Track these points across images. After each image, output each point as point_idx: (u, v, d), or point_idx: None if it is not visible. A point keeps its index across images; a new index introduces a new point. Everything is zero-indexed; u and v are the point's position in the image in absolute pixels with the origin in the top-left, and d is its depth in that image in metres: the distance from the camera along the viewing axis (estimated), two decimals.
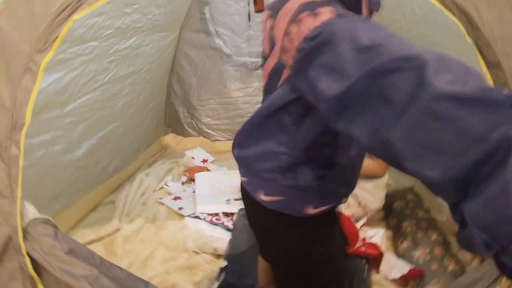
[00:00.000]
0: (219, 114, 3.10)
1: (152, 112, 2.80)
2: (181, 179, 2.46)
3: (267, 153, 0.83)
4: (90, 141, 1.99)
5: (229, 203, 2.01)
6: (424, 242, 1.63)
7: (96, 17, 1.66)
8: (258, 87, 3.05)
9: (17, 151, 1.05)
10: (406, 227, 1.78)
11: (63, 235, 1.10)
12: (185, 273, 1.60)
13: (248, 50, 2.97)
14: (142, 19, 2.08)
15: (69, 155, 1.83)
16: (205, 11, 2.80)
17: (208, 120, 3.12)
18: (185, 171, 2.54)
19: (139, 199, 2.21)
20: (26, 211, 1.10)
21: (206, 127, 3.13)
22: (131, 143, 2.53)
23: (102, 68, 1.89)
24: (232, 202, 2.01)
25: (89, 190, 2.09)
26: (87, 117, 1.91)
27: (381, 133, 0.51)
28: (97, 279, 1.03)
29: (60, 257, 1.03)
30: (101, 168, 2.18)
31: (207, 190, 2.18)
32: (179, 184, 2.41)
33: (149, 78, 2.51)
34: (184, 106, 3.14)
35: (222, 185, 2.23)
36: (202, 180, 2.31)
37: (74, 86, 1.72)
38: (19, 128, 1.06)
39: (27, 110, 1.06)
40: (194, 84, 3.05)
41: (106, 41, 1.83)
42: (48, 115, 1.61)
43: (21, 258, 1.03)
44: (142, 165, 2.76)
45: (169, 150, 3.09)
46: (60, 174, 1.79)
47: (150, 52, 2.40)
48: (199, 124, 3.12)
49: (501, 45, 1.00)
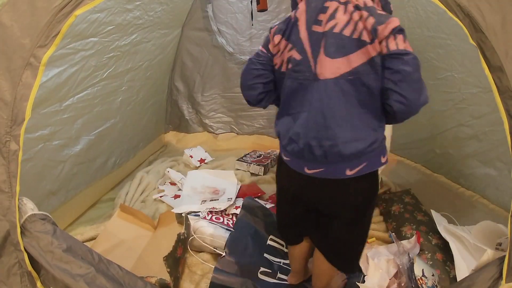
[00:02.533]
0: (223, 107, 3.12)
1: (152, 109, 2.79)
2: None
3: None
4: (88, 136, 1.98)
5: (204, 203, 2.01)
6: (425, 246, 1.61)
7: (97, 13, 1.65)
8: None
9: (17, 146, 1.05)
10: (406, 231, 1.76)
11: (61, 232, 1.10)
12: (184, 272, 1.60)
13: (250, 49, 2.97)
14: (144, 16, 2.08)
15: (67, 150, 1.83)
16: (207, 9, 2.81)
17: (212, 114, 3.14)
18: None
19: (138, 196, 2.20)
20: (24, 207, 1.09)
21: (210, 120, 3.15)
22: (130, 139, 2.53)
23: (101, 64, 1.88)
24: (207, 202, 2.02)
25: (88, 186, 2.09)
26: (85, 113, 1.90)
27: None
28: (94, 278, 1.03)
29: (58, 254, 1.03)
30: (99, 164, 2.18)
31: (188, 190, 2.19)
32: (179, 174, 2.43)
33: (149, 75, 2.51)
34: (188, 103, 3.15)
35: (205, 184, 2.24)
36: (190, 179, 2.32)
37: (73, 81, 1.72)
38: (19, 123, 1.05)
39: (27, 105, 1.06)
40: (198, 81, 3.06)
41: (107, 37, 1.82)
42: (46, 110, 1.60)
43: (19, 254, 1.03)
44: (142, 162, 2.75)
45: (169, 148, 3.09)
46: (58, 169, 1.79)
47: (151, 49, 2.39)
48: (204, 119, 3.14)
49: (504, 48, 0.99)
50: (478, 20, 1.01)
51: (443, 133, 1.97)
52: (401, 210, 1.92)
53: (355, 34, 0.97)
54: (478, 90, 1.63)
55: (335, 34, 0.99)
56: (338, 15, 0.99)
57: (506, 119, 1.00)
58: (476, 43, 1.03)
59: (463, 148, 1.83)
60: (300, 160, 1.08)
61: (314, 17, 1.03)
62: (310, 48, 1.03)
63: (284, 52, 1.09)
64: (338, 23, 0.99)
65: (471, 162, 1.79)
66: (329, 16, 1.00)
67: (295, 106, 1.07)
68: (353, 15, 0.98)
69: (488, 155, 1.68)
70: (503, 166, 1.60)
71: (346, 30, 0.98)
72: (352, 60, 0.98)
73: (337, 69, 0.99)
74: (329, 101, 1.00)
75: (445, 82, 1.84)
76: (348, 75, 0.98)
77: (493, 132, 1.63)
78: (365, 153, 1.02)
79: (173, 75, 3.06)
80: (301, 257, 1.41)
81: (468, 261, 1.39)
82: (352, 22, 0.98)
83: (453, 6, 1.05)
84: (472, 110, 1.72)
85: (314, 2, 1.04)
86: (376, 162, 1.05)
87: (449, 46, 1.73)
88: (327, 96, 1.00)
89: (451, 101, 1.84)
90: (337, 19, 0.99)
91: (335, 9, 1.00)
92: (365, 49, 0.96)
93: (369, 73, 0.97)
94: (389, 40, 0.94)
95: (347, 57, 0.98)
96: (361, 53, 0.97)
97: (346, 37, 0.98)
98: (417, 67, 0.94)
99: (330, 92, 1.00)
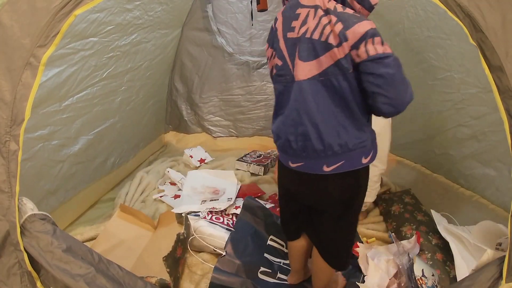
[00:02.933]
0: (221, 111, 3.12)
1: (152, 109, 2.79)
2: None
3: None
4: (87, 136, 1.98)
5: (204, 203, 2.01)
6: (425, 246, 1.61)
7: (97, 12, 1.65)
8: (259, 86, 3.05)
9: (17, 146, 1.05)
10: (406, 231, 1.76)
11: (61, 232, 1.09)
12: (184, 272, 1.60)
13: (250, 49, 2.97)
14: (143, 16, 2.08)
15: (66, 150, 1.83)
16: (207, 9, 2.80)
17: (210, 116, 3.13)
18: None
19: (138, 196, 2.20)
20: (24, 207, 1.09)
21: (209, 123, 3.15)
22: (130, 139, 2.53)
23: (101, 64, 1.88)
24: (207, 202, 2.01)
25: (87, 186, 2.08)
26: (85, 112, 1.90)
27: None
28: (94, 278, 1.03)
29: (58, 255, 1.03)
30: (98, 163, 2.17)
31: (188, 190, 2.19)
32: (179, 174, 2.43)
33: (149, 75, 2.51)
34: (187, 103, 3.15)
35: (205, 184, 2.24)
36: (190, 179, 2.31)
37: (73, 81, 1.71)
38: (18, 123, 1.05)
39: (27, 105, 1.06)
40: (196, 82, 3.06)
41: (107, 37, 1.82)
42: (46, 110, 1.60)
43: (19, 253, 1.03)
44: (141, 162, 2.75)
45: (169, 148, 3.09)
46: (57, 169, 1.79)
47: (151, 49, 2.39)
48: (202, 121, 3.14)
49: (504, 48, 1.00)
50: (478, 20, 1.01)
51: (442, 133, 1.97)
52: (401, 210, 1.92)
53: (322, 37, 1.02)
54: (477, 90, 1.63)
55: (307, 39, 1.05)
56: (309, 20, 1.05)
57: (506, 119, 1.00)
58: (476, 43, 1.03)
59: (462, 148, 1.83)
60: (285, 154, 1.18)
61: (288, 25, 1.11)
62: (288, 53, 1.11)
63: (271, 59, 1.20)
64: (309, 28, 1.05)
65: (470, 163, 1.79)
66: (301, 22, 1.07)
67: (282, 106, 1.16)
68: (322, 19, 1.02)
69: (488, 156, 1.68)
70: (502, 166, 1.60)
71: (315, 34, 1.03)
72: (322, 62, 1.04)
73: (309, 71, 1.06)
74: (303, 100, 1.08)
75: (444, 82, 1.84)
76: (319, 76, 1.05)
77: (493, 133, 1.62)
78: (344, 152, 1.06)
79: (173, 75, 3.06)
80: (300, 255, 1.43)
81: (468, 261, 1.39)
82: (320, 26, 1.03)
83: (453, 6, 1.06)
84: (471, 110, 1.72)
85: (288, 11, 1.12)
86: (356, 162, 1.09)
87: (448, 46, 1.73)
88: (301, 96, 1.08)
89: (451, 102, 1.84)
90: (308, 24, 1.05)
91: (306, 14, 1.06)
92: (332, 52, 1.01)
93: (337, 74, 1.03)
94: (367, 46, 0.96)
95: (318, 59, 1.04)
96: (329, 56, 1.02)
97: (316, 41, 1.03)
98: (399, 68, 0.97)
99: (304, 92, 1.07)
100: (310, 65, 1.05)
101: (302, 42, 1.06)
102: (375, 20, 1.04)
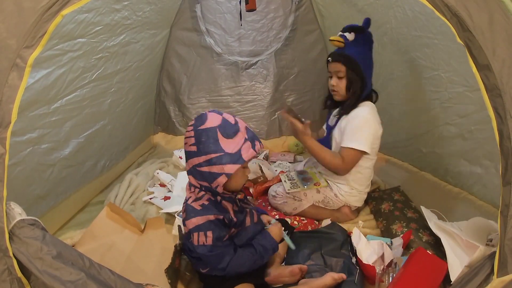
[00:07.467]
0: None
1: (141, 110, 2.76)
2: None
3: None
4: (77, 139, 1.95)
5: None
6: (415, 244, 1.62)
7: (85, 13, 1.63)
8: (248, 86, 3.05)
9: (3, 149, 1.02)
10: (396, 229, 1.78)
11: (51, 238, 1.07)
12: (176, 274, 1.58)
13: (239, 49, 2.96)
14: (132, 16, 2.06)
15: (56, 153, 1.80)
16: (196, 9, 2.79)
17: None
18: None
19: (128, 199, 2.17)
20: (12, 212, 1.07)
21: None
22: (120, 141, 2.50)
23: (90, 65, 1.85)
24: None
25: (77, 190, 2.05)
26: (74, 115, 1.87)
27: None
28: (85, 285, 1.01)
29: (48, 261, 1.01)
30: (89, 166, 2.14)
31: (178, 191, 2.18)
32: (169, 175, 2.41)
33: (138, 76, 2.48)
34: (175, 105, 3.12)
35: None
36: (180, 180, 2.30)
37: (62, 83, 1.68)
38: (5, 126, 1.03)
39: (14, 107, 1.03)
40: (184, 83, 3.03)
41: (95, 37, 1.80)
42: (34, 113, 1.56)
43: (8, 260, 1.00)
44: (131, 164, 2.72)
45: (158, 149, 3.06)
46: (47, 173, 1.75)
47: (140, 50, 2.37)
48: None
49: (491, 46, 1.01)
50: (465, 20, 1.03)
51: (429, 132, 1.99)
52: (391, 208, 1.94)
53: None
54: (464, 89, 1.66)
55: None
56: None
57: (493, 117, 1.02)
58: (464, 42, 1.05)
59: (449, 146, 1.86)
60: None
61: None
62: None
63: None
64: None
65: (457, 161, 1.82)
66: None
67: None
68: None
69: (474, 154, 1.71)
70: (489, 164, 1.62)
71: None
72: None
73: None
74: None
75: (431, 81, 1.87)
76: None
77: (479, 131, 1.65)
78: None
79: (161, 76, 3.03)
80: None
81: (460, 257, 1.40)
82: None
83: (440, 6, 1.07)
84: (458, 109, 1.74)
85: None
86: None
87: (436, 45, 1.75)
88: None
89: (438, 100, 1.86)
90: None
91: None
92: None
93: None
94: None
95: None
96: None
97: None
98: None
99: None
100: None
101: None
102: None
